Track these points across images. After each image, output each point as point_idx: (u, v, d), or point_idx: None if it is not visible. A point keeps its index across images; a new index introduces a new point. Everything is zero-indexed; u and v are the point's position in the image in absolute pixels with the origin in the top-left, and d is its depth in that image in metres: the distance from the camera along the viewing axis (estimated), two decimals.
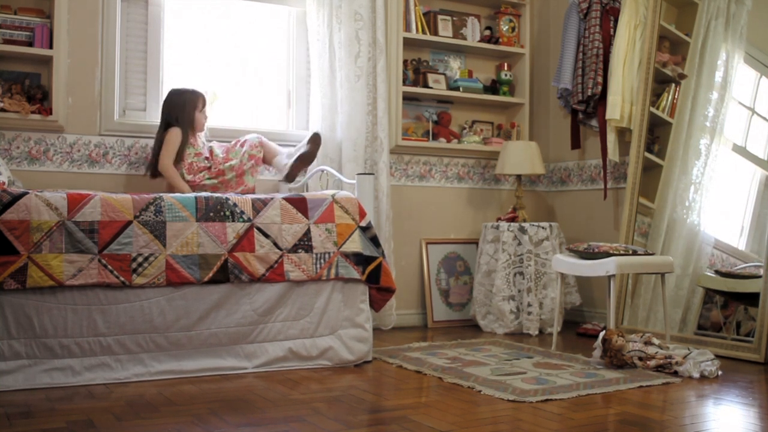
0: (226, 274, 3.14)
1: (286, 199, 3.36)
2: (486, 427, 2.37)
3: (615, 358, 3.29)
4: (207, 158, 3.88)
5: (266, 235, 3.26)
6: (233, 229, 3.20)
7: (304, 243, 3.31)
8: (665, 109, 4.32)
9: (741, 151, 4.03)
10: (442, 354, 3.61)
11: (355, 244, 3.39)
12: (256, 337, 3.23)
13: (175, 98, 3.88)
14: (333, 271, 3.33)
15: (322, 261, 3.33)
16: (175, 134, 3.79)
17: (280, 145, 4.35)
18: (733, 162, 4.04)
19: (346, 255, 3.37)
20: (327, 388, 2.95)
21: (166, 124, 3.84)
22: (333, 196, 3.45)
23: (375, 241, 3.47)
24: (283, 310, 3.28)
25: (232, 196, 3.28)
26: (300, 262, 3.28)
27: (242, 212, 3.24)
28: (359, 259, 3.39)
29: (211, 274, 3.12)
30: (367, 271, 3.39)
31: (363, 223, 3.46)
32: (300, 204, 3.37)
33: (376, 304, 3.50)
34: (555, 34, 5.10)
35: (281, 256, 3.26)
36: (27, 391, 2.78)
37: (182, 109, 3.85)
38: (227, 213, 3.21)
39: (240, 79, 4.42)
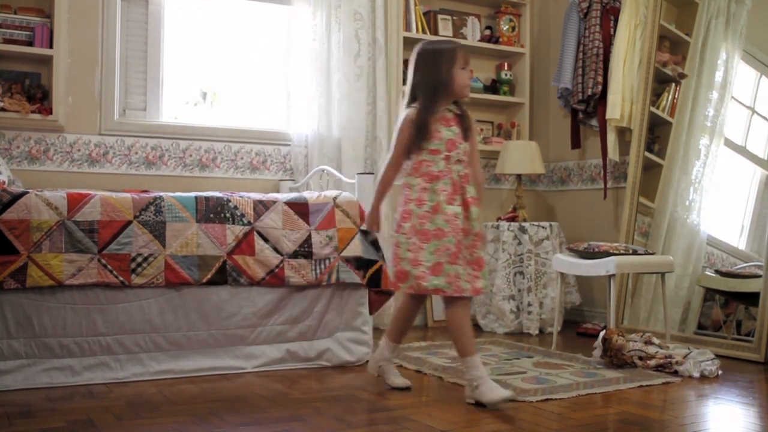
0: (224, 276, 3.14)
1: (287, 203, 3.34)
2: (486, 427, 2.37)
3: (615, 358, 3.29)
4: (446, 156, 2.72)
5: (266, 240, 3.25)
6: (232, 232, 3.18)
7: (304, 249, 3.29)
8: (665, 108, 4.32)
9: (741, 150, 4.03)
10: (443, 353, 3.61)
11: (356, 248, 3.38)
12: (254, 339, 3.22)
13: (423, 55, 2.77)
14: (334, 276, 3.32)
15: (321, 267, 3.31)
16: (406, 123, 2.74)
17: (281, 144, 4.36)
18: (733, 161, 4.04)
19: (347, 260, 3.35)
20: (327, 387, 2.95)
21: (411, 97, 2.79)
22: (335, 199, 3.42)
23: (375, 244, 3.45)
24: (283, 314, 3.27)
25: (234, 198, 3.28)
26: (300, 268, 3.27)
27: (242, 215, 3.23)
28: (360, 264, 3.38)
29: (209, 276, 3.11)
30: (367, 275, 3.39)
31: (364, 227, 3.44)
32: (301, 208, 3.35)
33: (371, 307, 3.48)
34: (555, 34, 5.09)
35: (282, 261, 3.25)
36: (27, 391, 2.78)
37: (433, 68, 2.73)
38: (227, 215, 3.20)
39: (239, 79, 4.42)
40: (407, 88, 2.80)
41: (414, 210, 2.70)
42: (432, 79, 2.72)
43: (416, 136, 2.71)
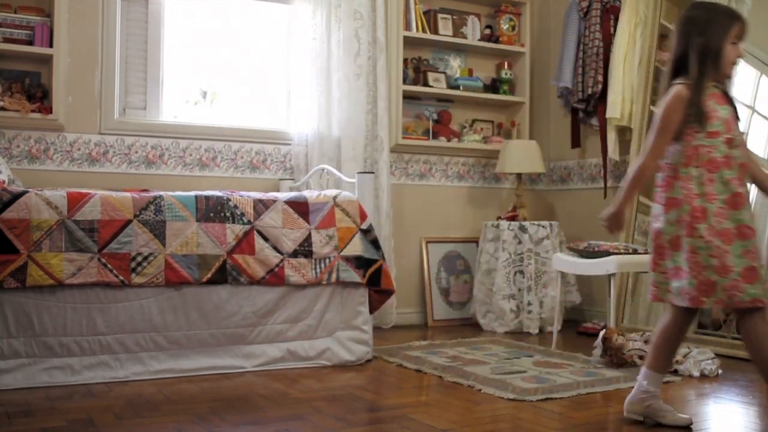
0: (224, 275, 3.14)
1: (287, 202, 3.34)
2: (486, 426, 2.37)
3: (615, 357, 3.29)
4: (727, 139, 2.28)
5: (266, 239, 3.25)
6: (232, 231, 3.19)
7: (304, 248, 3.29)
8: None
9: None
10: (442, 353, 3.61)
11: (356, 247, 3.38)
12: (255, 338, 3.23)
13: (692, 19, 2.34)
14: (334, 275, 3.32)
15: (322, 266, 3.31)
16: (676, 102, 2.27)
17: (281, 143, 4.36)
18: None
19: (347, 259, 3.36)
20: (327, 386, 2.95)
21: (674, 70, 2.35)
22: (335, 198, 3.42)
23: (375, 243, 3.45)
24: (283, 313, 3.27)
25: (234, 197, 3.28)
26: (300, 267, 3.27)
27: (242, 214, 3.23)
28: (360, 263, 3.38)
29: (209, 275, 3.11)
30: (367, 274, 3.39)
31: (364, 226, 3.44)
32: (301, 207, 3.35)
33: (371, 306, 3.48)
34: (555, 33, 5.09)
35: (282, 260, 3.25)
36: (27, 390, 2.78)
37: (701, 36, 2.29)
38: (227, 214, 3.20)
39: (239, 79, 4.42)
40: (669, 59, 2.37)
41: (708, 207, 2.23)
42: (699, 48, 2.28)
43: (691, 118, 2.26)
